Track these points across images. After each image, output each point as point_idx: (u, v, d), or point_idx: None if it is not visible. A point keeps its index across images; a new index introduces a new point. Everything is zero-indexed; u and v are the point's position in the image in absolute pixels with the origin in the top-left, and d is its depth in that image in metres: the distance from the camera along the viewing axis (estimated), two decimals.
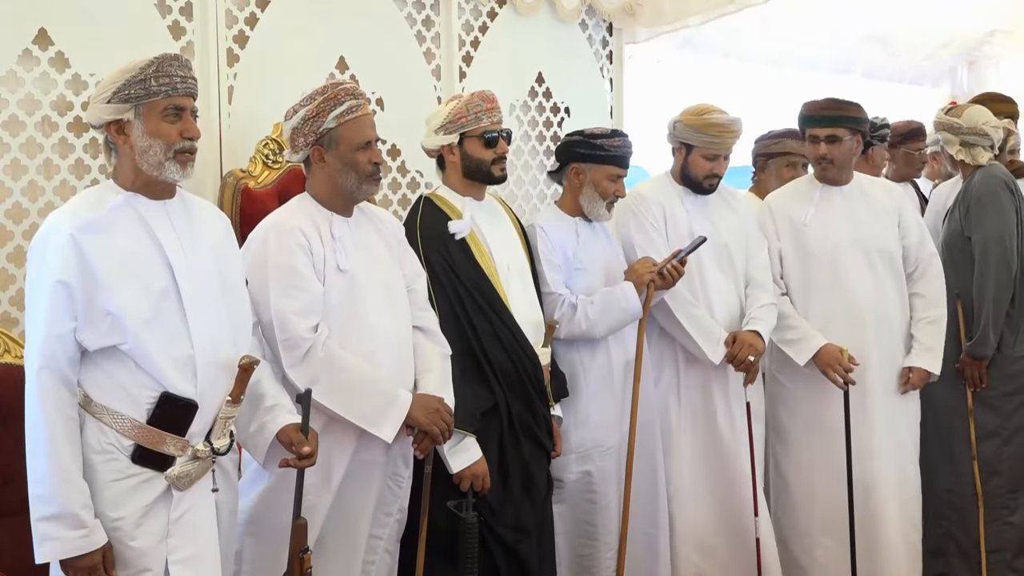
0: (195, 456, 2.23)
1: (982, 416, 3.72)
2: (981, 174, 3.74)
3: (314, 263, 2.60)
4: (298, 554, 2.37)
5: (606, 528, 3.36)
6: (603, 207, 3.35)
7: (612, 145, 3.31)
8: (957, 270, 3.74)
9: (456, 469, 2.83)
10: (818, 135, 3.57)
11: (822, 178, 3.65)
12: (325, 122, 2.61)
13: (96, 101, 2.22)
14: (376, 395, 2.61)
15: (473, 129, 3.02)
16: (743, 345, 3.41)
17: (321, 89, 2.65)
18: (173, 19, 3.24)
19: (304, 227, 2.61)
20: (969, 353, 3.70)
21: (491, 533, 2.93)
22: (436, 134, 3.05)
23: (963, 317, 3.74)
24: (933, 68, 6.67)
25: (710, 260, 3.53)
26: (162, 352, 2.17)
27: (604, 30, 4.59)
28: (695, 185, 3.55)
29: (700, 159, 3.50)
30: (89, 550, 2.11)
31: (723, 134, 3.46)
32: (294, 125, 2.65)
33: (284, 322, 2.53)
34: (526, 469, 3.05)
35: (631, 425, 3.33)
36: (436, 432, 2.67)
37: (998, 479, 3.71)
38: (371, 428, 2.60)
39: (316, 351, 2.54)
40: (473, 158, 3.04)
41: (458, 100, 3.06)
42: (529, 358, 3.03)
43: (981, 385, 3.70)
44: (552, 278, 3.27)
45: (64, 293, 2.11)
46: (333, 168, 2.66)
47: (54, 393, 2.11)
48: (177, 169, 2.23)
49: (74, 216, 2.16)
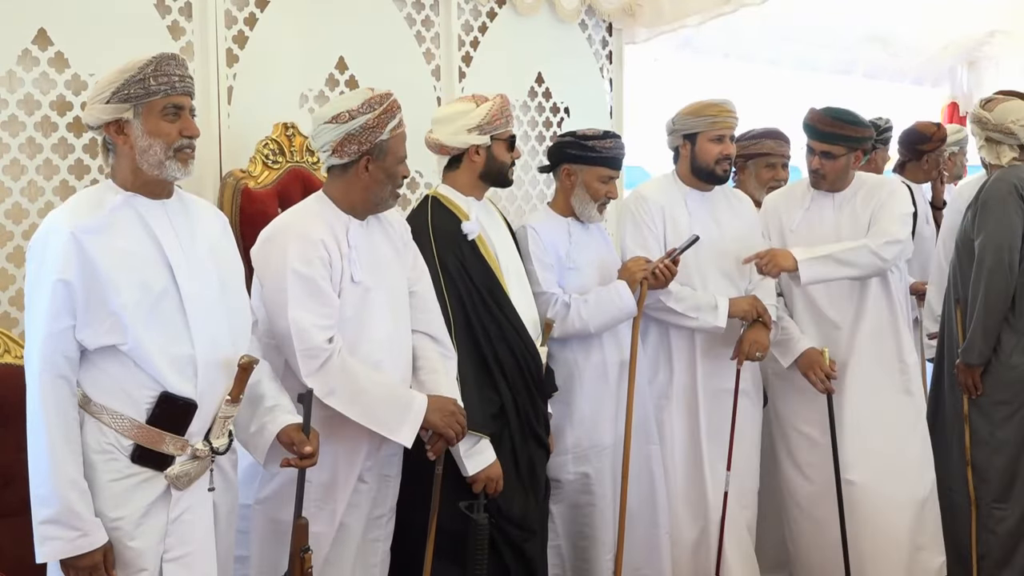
0: (194, 455, 2.23)
1: (977, 422, 3.69)
2: (996, 176, 3.66)
3: (332, 276, 2.61)
4: (299, 554, 2.37)
5: (603, 529, 3.37)
6: (594, 208, 3.35)
7: (604, 147, 3.30)
8: (963, 274, 3.69)
9: (472, 472, 2.83)
10: (813, 148, 3.56)
11: (815, 185, 3.65)
12: (382, 134, 2.62)
13: (94, 102, 2.22)
14: (393, 401, 2.62)
15: (503, 132, 3.05)
16: (751, 342, 3.43)
17: (378, 99, 2.63)
18: (172, 19, 3.24)
19: (326, 239, 2.61)
20: (961, 359, 3.67)
21: (500, 533, 2.94)
22: (468, 133, 3.04)
23: (961, 323, 3.70)
24: (933, 68, 6.66)
25: (711, 262, 3.53)
26: (162, 352, 2.17)
27: (604, 30, 4.59)
28: (709, 175, 3.54)
29: (707, 144, 3.50)
30: (89, 550, 2.11)
31: (722, 113, 3.50)
32: (350, 131, 2.60)
33: (303, 333, 2.54)
34: (532, 468, 3.07)
35: (627, 424, 3.33)
36: (451, 435, 2.68)
37: (986, 487, 3.69)
38: (390, 434, 2.61)
39: (333, 361, 2.55)
40: (498, 161, 3.07)
41: (491, 102, 3.06)
42: (533, 358, 3.05)
43: (976, 392, 3.66)
44: (544, 277, 3.27)
45: (64, 292, 2.11)
46: (375, 178, 2.66)
47: (54, 393, 2.11)
48: (179, 167, 2.23)
49: (74, 216, 2.16)
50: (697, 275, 3.51)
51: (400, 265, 2.80)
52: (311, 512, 2.50)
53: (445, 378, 2.77)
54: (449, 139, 3.06)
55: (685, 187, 3.60)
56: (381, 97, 2.64)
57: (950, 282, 3.79)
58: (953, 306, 3.72)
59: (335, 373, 2.55)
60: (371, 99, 2.62)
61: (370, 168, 2.65)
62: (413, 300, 2.81)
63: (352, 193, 2.69)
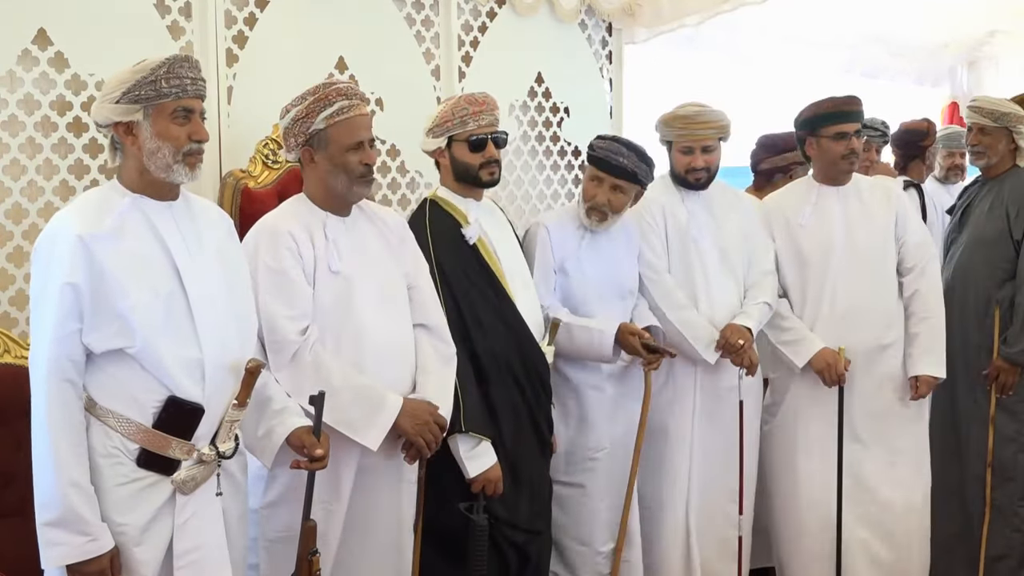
0: (200, 460, 2.22)
1: (1000, 421, 3.66)
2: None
3: (304, 266, 2.58)
4: (307, 556, 2.36)
5: (597, 531, 3.35)
6: (584, 211, 3.30)
7: (598, 146, 3.27)
8: (994, 272, 3.65)
9: (472, 474, 2.82)
10: (847, 131, 3.50)
11: (837, 176, 3.59)
12: (314, 123, 2.59)
13: (104, 100, 2.20)
14: (362, 401, 2.56)
15: (459, 133, 2.99)
16: (732, 330, 3.39)
17: (313, 89, 2.62)
18: (172, 19, 3.23)
19: (294, 230, 2.59)
20: (1009, 359, 3.62)
21: (503, 534, 2.93)
22: (426, 137, 3.04)
23: (999, 322, 3.65)
24: (933, 68, 6.67)
25: (713, 260, 3.53)
26: (170, 355, 2.16)
27: (604, 30, 4.58)
28: (683, 183, 3.54)
29: (677, 154, 3.51)
30: (97, 555, 2.09)
31: (689, 125, 3.44)
32: (285, 125, 2.64)
33: (272, 325, 2.52)
34: (534, 469, 3.06)
35: (639, 433, 3.33)
36: (421, 444, 2.62)
37: (1012, 485, 3.66)
38: (355, 436, 2.55)
39: (303, 355, 2.52)
40: (460, 162, 3.02)
41: (444, 104, 3.05)
42: (539, 358, 3.05)
43: (1010, 392, 3.62)
44: (539, 282, 3.24)
45: (72, 295, 2.09)
46: (323, 169, 2.63)
47: (59, 396, 2.09)
48: (186, 171, 2.22)
49: (81, 219, 2.14)
50: (699, 272, 3.50)
51: (394, 261, 2.77)
52: (319, 516, 2.48)
53: (435, 380, 2.71)
54: (421, 143, 3.09)
55: (680, 187, 3.60)
56: (316, 88, 2.62)
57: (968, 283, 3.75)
58: (978, 307, 3.67)
59: (304, 368, 2.51)
60: (305, 92, 2.62)
61: (316, 159, 2.63)
62: (413, 294, 2.79)
63: (313, 186, 2.69)
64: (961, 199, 3.93)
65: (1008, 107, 3.68)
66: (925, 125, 4.93)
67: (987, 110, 3.70)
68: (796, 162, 4.11)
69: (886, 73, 6.36)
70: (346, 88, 2.63)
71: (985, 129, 3.70)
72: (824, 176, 3.62)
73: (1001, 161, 3.71)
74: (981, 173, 3.86)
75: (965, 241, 3.76)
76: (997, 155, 3.71)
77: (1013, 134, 3.67)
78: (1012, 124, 3.66)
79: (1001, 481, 3.68)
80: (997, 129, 3.68)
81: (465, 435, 2.81)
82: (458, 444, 2.81)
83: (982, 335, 3.67)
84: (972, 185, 3.90)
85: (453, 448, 2.81)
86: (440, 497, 2.84)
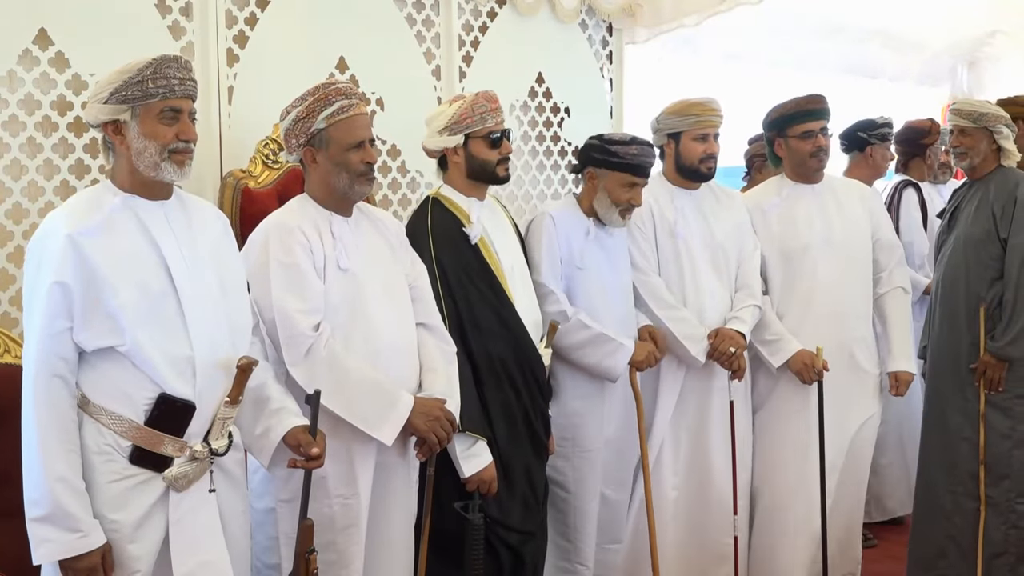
0: (193, 457, 2.22)
1: (992, 418, 3.66)
2: (1017, 175, 3.66)
3: (315, 262, 2.59)
4: (304, 555, 2.37)
5: (582, 529, 3.36)
6: (616, 214, 3.31)
7: (628, 152, 3.26)
8: (981, 272, 3.65)
9: (468, 474, 2.83)
10: (813, 129, 3.65)
11: (812, 173, 3.72)
12: (315, 123, 2.60)
13: (93, 101, 2.21)
14: (377, 397, 2.58)
15: (478, 130, 3.00)
16: (724, 338, 3.43)
17: (312, 90, 2.64)
18: (173, 19, 3.24)
19: (304, 227, 2.61)
20: (995, 354, 3.62)
21: (496, 535, 2.94)
22: (440, 135, 3.02)
23: (984, 320, 3.64)
24: (933, 68, 6.68)
25: (703, 259, 3.54)
26: (160, 353, 2.16)
27: (604, 30, 4.59)
28: (693, 174, 3.55)
29: (691, 143, 3.52)
30: (87, 551, 2.10)
31: (706, 112, 3.50)
32: (286, 126, 2.65)
33: (287, 320, 2.52)
34: (530, 470, 3.06)
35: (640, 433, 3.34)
36: (434, 440, 2.64)
37: (1008, 482, 3.65)
38: (370, 430, 2.57)
39: (318, 349, 2.53)
40: (478, 159, 3.02)
41: (462, 101, 3.04)
42: (535, 359, 3.05)
43: (999, 388, 3.63)
44: (548, 270, 3.23)
45: (61, 294, 2.10)
46: (325, 169, 2.65)
47: (48, 393, 2.10)
48: (174, 169, 2.22)
49: (71, 218, 2.15)
50: (689, 271, 3.51)
51: (395, 261, 2.78)
52: (336, 510, 2.54)
53: (441, 378, 2.74)
54: (428, 142, 3.08)
55: (672, 186, 3.60)
56: (316, 88, 2.64)
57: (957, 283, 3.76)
58: (968, 306, 3.69)
59: (319, 363, 2.52)
60: (305, 92, 2.64)
61: (318, 159, 2.65)
62: (415, 294, 2.80)
63: (315, 186, 2.70)
64: (951, 201, 3.95)
65: (986, 108, 3.73)
66: (927, 124, 4.94)
67: (966, 112, 3.74)
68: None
69: (886, 73, 6.37)
70: (345, 88, 2.65)
71: (965, 130, 3.73)
72: (796, 175, 3.76)
73: (984, 162, 3.74)
74: (967, 175, 3.88)
75: (954, 241, 3.78)
76: (979, 156, 3.73)
77: (993, 134, 3.70)
78: (991, 124, 3.69)
79: (995, 478, 3.68)
80: (977, 130, 3.71)
81: (462, 434, 2.81)
82: (455, 443, 2.81)
83: (972, 334, 3.68)
84: (961, 187, 3.92)
85: (449, 447, 2.81)
86: (436, 498, 2.83)
